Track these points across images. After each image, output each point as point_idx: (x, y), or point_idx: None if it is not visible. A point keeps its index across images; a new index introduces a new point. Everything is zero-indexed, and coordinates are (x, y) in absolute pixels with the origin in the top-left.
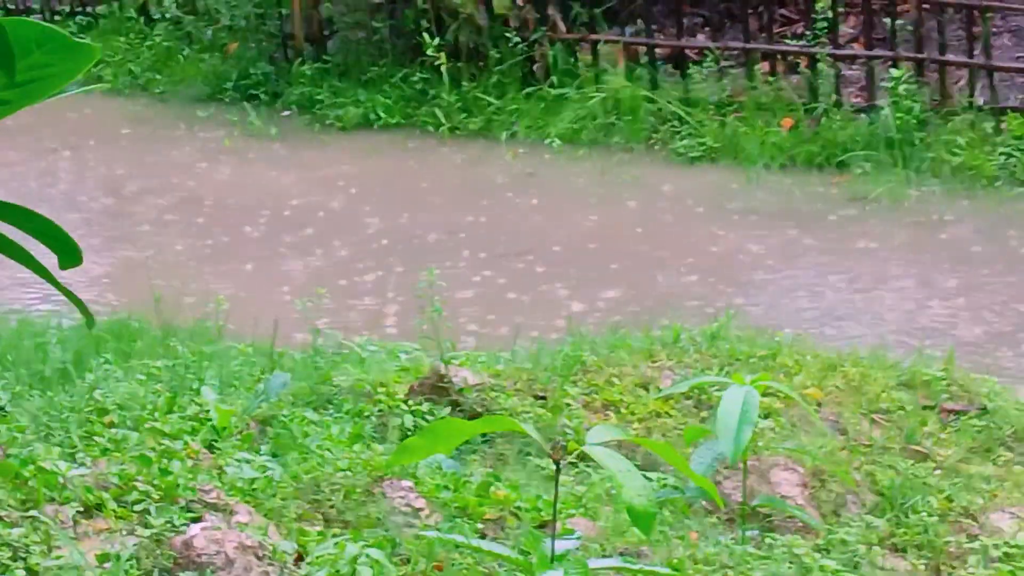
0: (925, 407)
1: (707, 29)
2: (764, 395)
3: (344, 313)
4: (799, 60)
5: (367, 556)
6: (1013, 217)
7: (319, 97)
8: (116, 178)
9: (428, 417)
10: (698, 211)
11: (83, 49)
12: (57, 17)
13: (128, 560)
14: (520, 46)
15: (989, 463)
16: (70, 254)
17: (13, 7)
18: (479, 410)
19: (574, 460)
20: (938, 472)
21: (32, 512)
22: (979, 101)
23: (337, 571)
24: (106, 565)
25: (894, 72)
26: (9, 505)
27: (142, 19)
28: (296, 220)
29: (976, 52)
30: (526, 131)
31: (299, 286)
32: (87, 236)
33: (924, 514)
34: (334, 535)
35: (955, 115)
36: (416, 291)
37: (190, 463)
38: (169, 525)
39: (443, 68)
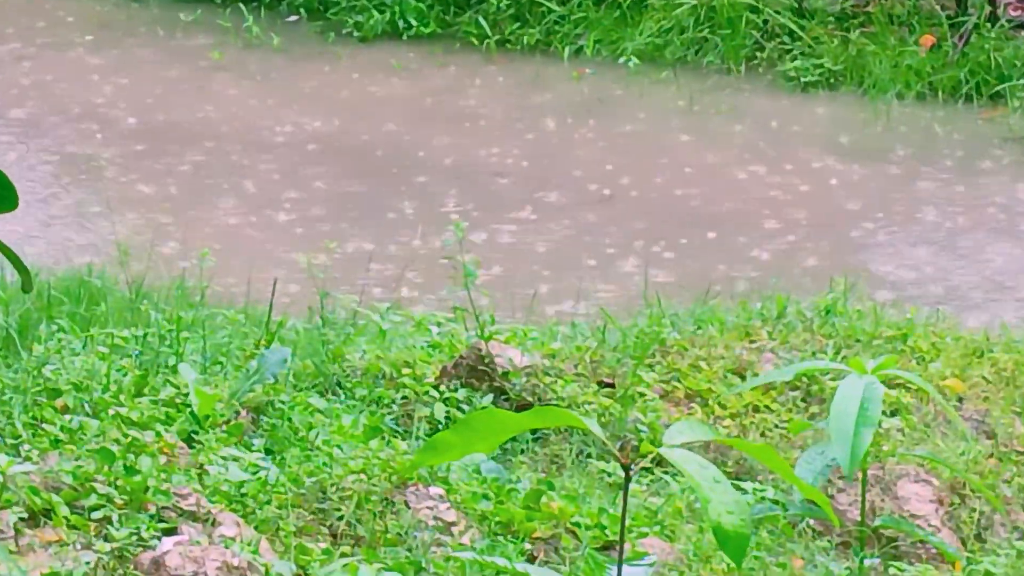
0: None
1: None
2: (891, 387)
3: (360, 273)
4: None
5: None
6: None
7: None
8: (74, 99)
9: (464, 407)
10: (812, 151)
11: None
12: None
13: None
14: None
15: None
16: (3, 196)
17: None
18: (529, 399)
19: (648, 465)
20: None
21: None
22: None
23: None
24: None
25: None
26: None
27: None
28: (301, 155)
29: None
30: (595, 46)
31: (303, 238)
32: (34, 172)
33: None
34: (343, 555)
35: None
36: (446, 246)
37: (163, 460)
38: (135, 538)
39: None
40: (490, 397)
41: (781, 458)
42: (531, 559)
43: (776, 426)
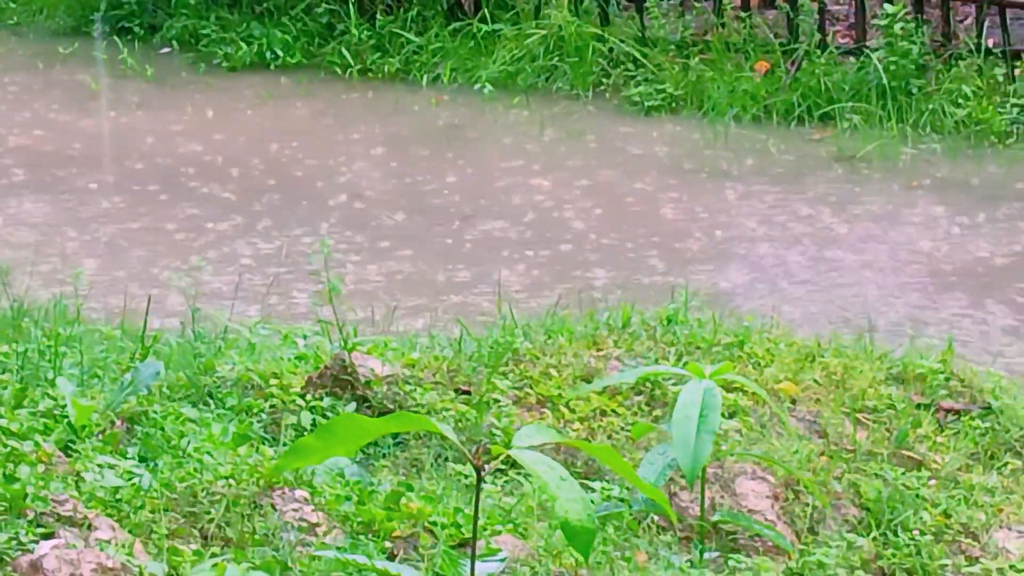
0: (919, 406)
1: None
2: (729, 390)
3: (230, 290)
4: None
5: None
6: None
7: (204, 31)
8: None
9: (329, 414)
10: (655, 171)
11: None
12: None
13: None
14: None
15: (993, 472)
16: None
17: None
18: (390, 406)
19: (502, 466)
20: (933, 482)
21: None
22: (989, 43)
23: None
24: None
25: (888, 8)
26: None
27: None
28: (173, 178)
29: None
30: (452, 74)
31: (177, 256)
32: None
33: (916, 532)
34: (213, 555)
35: (960, 60)
36: (311, 264)
37: (41, 468)
38: (14, 542)
39: None
40: (353, 405)
41: (622, 459)
42: (391, 557)
43: (622, 429)
